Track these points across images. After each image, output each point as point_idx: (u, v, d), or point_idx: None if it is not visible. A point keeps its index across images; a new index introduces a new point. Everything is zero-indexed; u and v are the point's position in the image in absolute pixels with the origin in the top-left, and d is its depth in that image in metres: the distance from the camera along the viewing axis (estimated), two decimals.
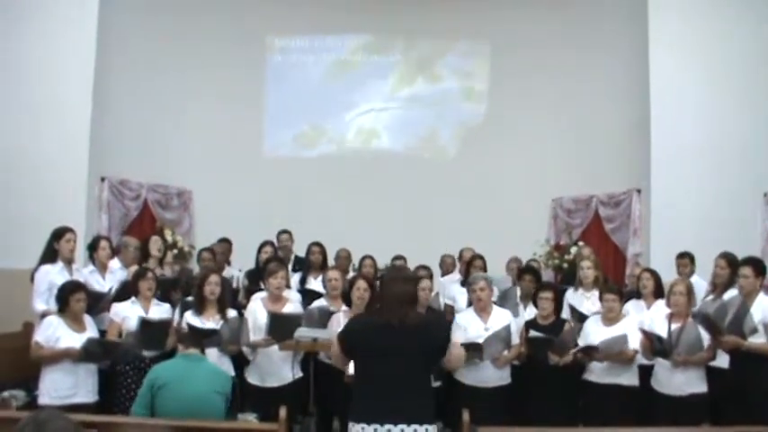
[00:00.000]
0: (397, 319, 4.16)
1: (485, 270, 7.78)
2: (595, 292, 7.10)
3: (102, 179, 10.12)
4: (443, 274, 9.11)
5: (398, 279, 4.46)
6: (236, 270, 8.78)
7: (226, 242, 9.10)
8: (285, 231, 8.95)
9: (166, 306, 6.70)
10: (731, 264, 6.53)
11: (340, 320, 5.92)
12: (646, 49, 9.85)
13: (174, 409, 4.86)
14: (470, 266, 8.00)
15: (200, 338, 5.70)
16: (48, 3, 9.58)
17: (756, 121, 9.45)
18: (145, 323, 6.22)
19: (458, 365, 4.99)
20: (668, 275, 7.10)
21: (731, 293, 6.25)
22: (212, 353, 6.00)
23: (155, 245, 7.67)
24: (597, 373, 6.27)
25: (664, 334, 6.01)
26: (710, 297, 6.63)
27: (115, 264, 7.55)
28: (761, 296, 6.03)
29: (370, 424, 4.06)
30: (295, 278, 8.01)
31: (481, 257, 8.17)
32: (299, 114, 11.94)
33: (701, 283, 7.20)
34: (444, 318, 6.80)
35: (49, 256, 6.77)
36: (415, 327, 4.19)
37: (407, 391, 4.11)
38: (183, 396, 4.88)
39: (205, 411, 4.89)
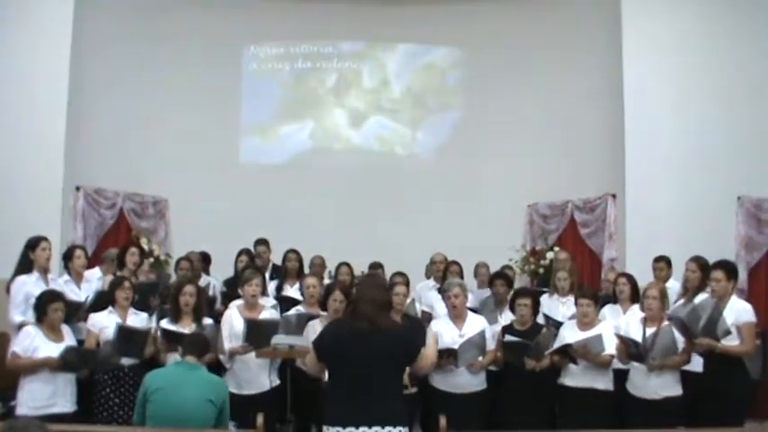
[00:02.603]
0: (368, 324, 4.20)
1: (461, 276, 7.81)
2: (571, 298, 7.16)
3: (77, 188, 10.08)
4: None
5: (371, 285, 4.53)
6: (213, 278, 8.77)
7: (203, 257, 9.06)
8: (262, 242, 8.90)
9: (143, 315, 6.65)
10: (702, 267, 6.59)
11: (315, 328, 5.92)
12: (619, 55, 9.94)
13: (165, 414, 4.84)
14: (447, 272, 8.02)
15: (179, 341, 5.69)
16: (22, 11, 9.53)
17: (730, 126, 9.54)
18: (122, 330, 6.18)
19: (428, 370, 5.05)
20: (644, 280, 7.11)
21: (702, 297, 6.32)
22: None
23: (131, 257, 7.60)
24: (573, 377, 6.30)
25: (639, 338, 6.06)
26: (681, 301, 6.68)
27: (94, 273, 7.53)
28: (733, 299, 6.10)
29: (345, 427, 4.10)
30: (272, 286, 8.01)
31: (457, 263, 8.19)
32: (274, 122, 11.94)
33: (677, 286, 7.22)
34: (419, 324, 6.79)
35: (25, 266, 6.71)
36: (387, 332, 4.24)
37: (380, 394, 4.16)
38: (173, 402, 4.85)
39: (194, 418, 4.86)
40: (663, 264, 7.72)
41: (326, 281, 8.01)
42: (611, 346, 6.16)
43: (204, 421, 4.92)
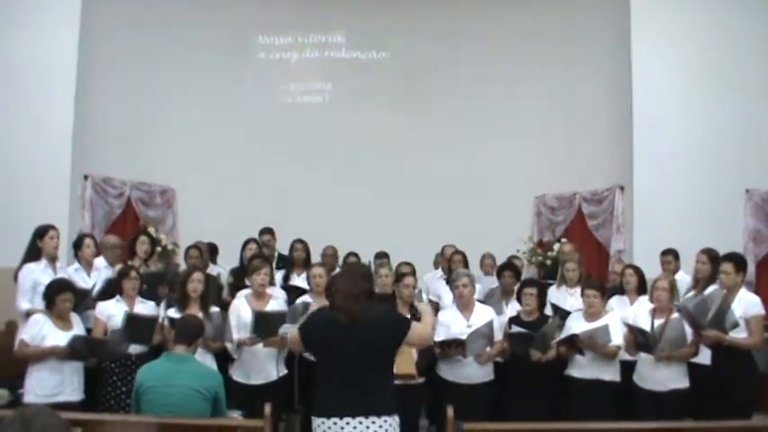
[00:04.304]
0: (346, 316, 4.18)
1: (465, 265, 7.79)
2: (579, 289, 7.14)
3: (86, 177, 10.09)
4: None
5: (345, 277, 4.49)
6: (221, 268, 8.76)
7: (210, 247, 9.05)
8: (267, 231, 8.91)
9: (151, 304, 6.67)
10: (712, 259, 6.56)
11: None
12: (629, 47, 9.91)
13: (157, 413, 4.81)
14: (451, 262, 8.01)
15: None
16: (30, 1, 9.53)
17: (739, 119, 9.53)
18: (131, 318, 6.19)
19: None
20: (651, 272, 7.12)
21: (712, 289, 6.30)
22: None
23: (141, 246, 7.59)
24: (580, 368, 6.30)
25: (647, 329, 6.05)
26: (692, 293, 6.66)
27: (100, 262, 7.53)
28: (742, 291, 6.09)
29: (330, 418, 4.10)
30: (278, 275, 8.00)
31: (461, 253, 8.16)
32: (282, 112, 11.90)
33: (686, 279, 7.20)
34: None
35: (33, 254, 6.70)
36: (367, 322, 4.19)
37: (365, 385, 4.15)
38: (163, 400, 4.81)
39: (186, 412, 4.82)
40: (670, 257, 7.71)
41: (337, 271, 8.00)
42: (617, 337, 6.16)
43: (198, 413, 4.86)
